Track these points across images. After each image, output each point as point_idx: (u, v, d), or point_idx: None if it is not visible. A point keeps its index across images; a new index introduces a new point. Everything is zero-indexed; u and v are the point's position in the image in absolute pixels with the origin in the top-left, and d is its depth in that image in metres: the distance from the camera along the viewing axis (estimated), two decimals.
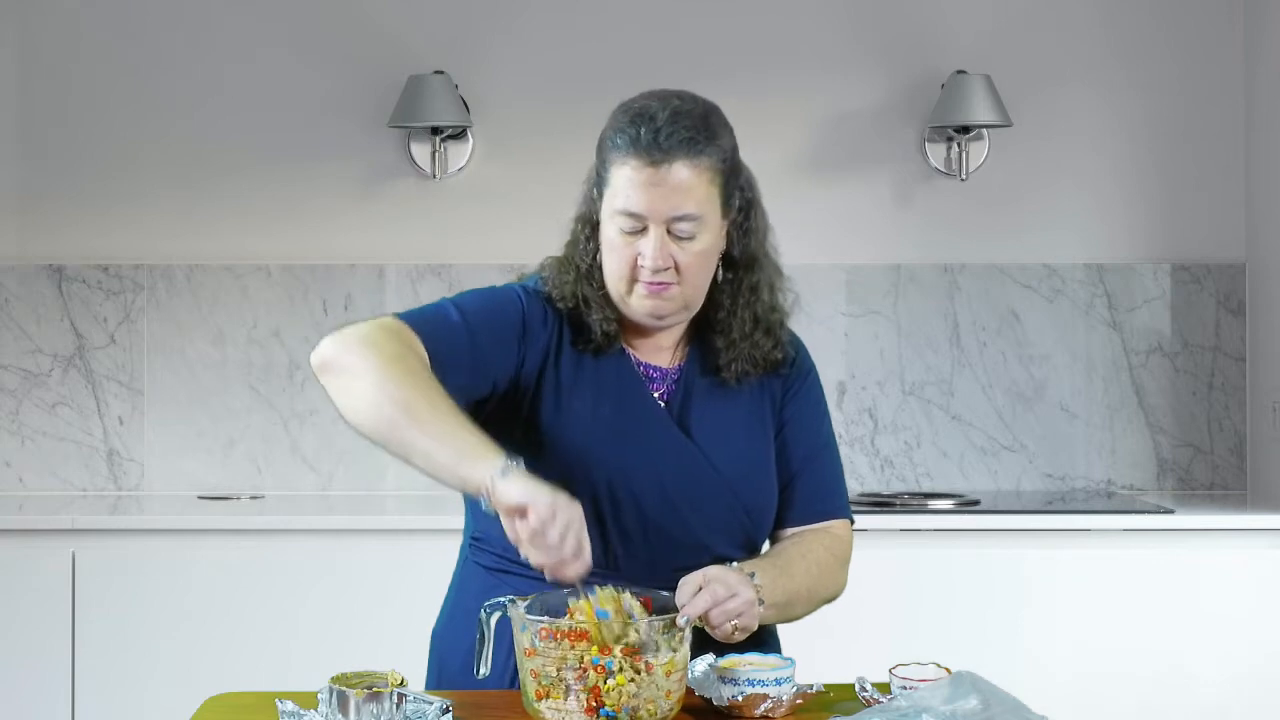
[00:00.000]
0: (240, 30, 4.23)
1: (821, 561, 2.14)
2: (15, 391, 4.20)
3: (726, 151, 2.05)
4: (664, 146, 1.99)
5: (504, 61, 4.24)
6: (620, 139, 2.02)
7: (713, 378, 2.14)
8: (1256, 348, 4.20)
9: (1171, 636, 3.66)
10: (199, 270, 4.21)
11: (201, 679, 3.24)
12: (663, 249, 2.01)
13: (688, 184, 2.00)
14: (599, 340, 2.09)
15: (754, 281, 2.13)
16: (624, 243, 2.03)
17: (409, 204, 4.24)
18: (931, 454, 4.24)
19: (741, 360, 2.13)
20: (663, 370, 2.14)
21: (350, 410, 1.95)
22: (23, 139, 4.23)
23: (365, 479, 4.18)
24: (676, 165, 2.00)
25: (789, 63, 4.25)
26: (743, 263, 2.13)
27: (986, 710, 1.76)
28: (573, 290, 2.10)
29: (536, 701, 1.84)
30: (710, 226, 2.04)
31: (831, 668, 2.24)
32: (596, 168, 2.09)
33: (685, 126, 2.01)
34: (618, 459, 2.06)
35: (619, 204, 2.02)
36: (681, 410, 2.12)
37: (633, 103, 2.07)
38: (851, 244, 4.23)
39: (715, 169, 2.03)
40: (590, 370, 2.09)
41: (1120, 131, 4.27)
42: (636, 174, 2.00)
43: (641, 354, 2.14)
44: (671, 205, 2.00)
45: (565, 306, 2.10)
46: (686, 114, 2.02)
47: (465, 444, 1.87)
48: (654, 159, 1.99)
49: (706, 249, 2.04)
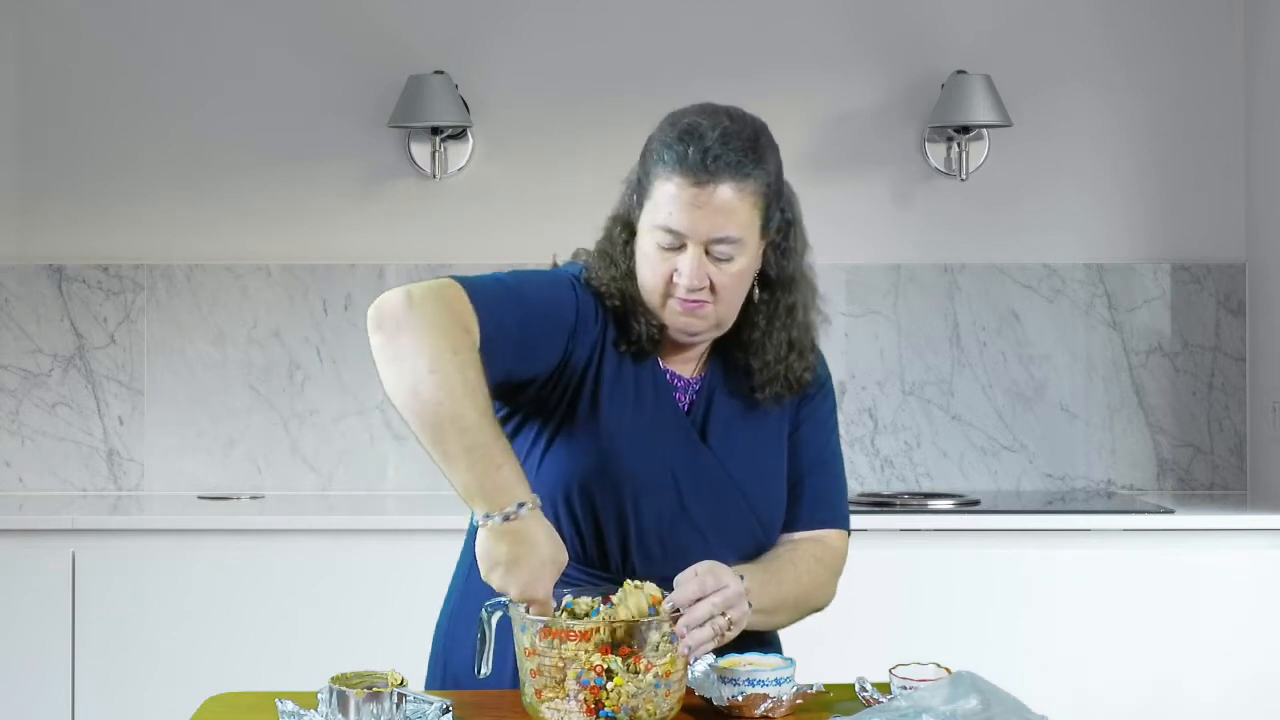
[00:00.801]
0: (240, 30, 4.23)
1: (812, 571, 2.14)
2: (15, 391, 4.20)
3: (772, 175, 2.03)
4: (711, 169, 1.97)
5: (504, 61, 4.24)
6: (668, 155, 2.00)
7: (735, 389, 2.14)
8: (1256, 348, 4.20)
9: (1171, 637, 3.66)
10: (199, 270, 4.21)
11: (201, 679, 3.25)
12: (700, 269, 1.99)
13: (730, 206, 1.98)
14: (642, 344, 2.07)
15: (791, 302, 2.12)
16: (660, 258, 2.02)
17: (409, 204, 4.24)
18: (931, 454, 4.24)
19: (776, 382, 2.12)
20: (686, 380, 2.14)
21: (390, 385, 1.92)
22: (23, 139, 4.23)
23: (365, 479, 4.18)
24: (722, 188, 1.98)
25: (789, 63, 4.25)
26: (780, 283, 2.11)
27: (986, 710, 1.76)
28: (619, 288, 2.08)
29: (536, 701, 1.84)
30: (748, 249, 2.02)
31: (831, 668, 2.24)
32: (639, 175, 2.07)
33: (734, 149, 1.98)
34: (643, 465, 2.06)
35: (660, 219, 2.00)
36: (703, 420, 2.12)
37: (682, 116, 2.04)
38: (851, 244, 4.23)
39: (759, 193, 2.01)
40: (629, 373, 2.09)
41: (1120, 131, 4.27)
42: (680, 192, 1.98)
43: (668, 362, 2.13)
44: (713, 226, 1.98)
45: (613, 304, 2.08)
46: (736, 135, 2.00)
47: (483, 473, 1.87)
48: (699, 180, 1.97)
49: (743, 270, 2.03)
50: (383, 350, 1.91)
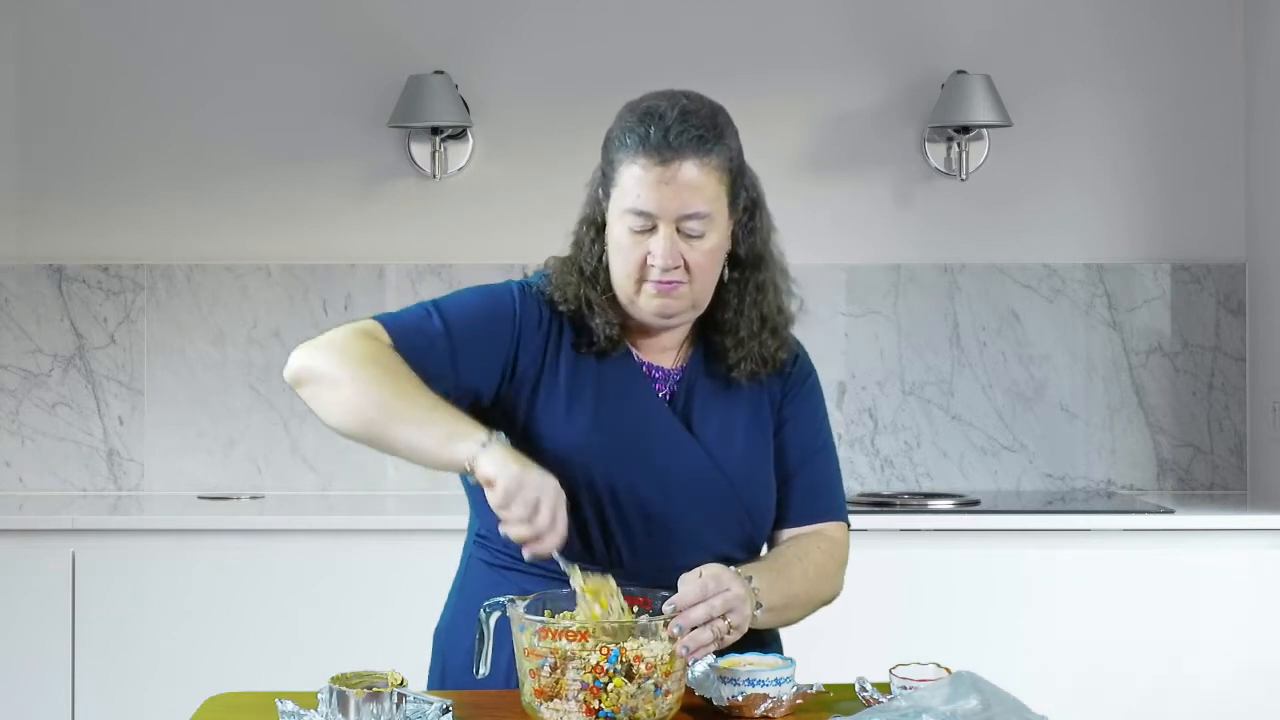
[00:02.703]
0: (240, 30, 4.24)
1: (819, 564, 2.14)
2: (15, 391, 4.20)
3: (734, 151, 2.06)
4: (674, 145, 2.00)
5: (504, 61, 4.24)
6: (629, 138, 2.03)
7: (716, 378, 2.15)
8: (1256, 348, 4.20)
9: (1171, 636, 3.66)
10: (199, 270, 4.21)
11: (201, 679, 3.25)
12: (673, 248, 2.01)
13: (697, 182, 2.01)
14: (602, 344, 2.09)
15: (760, 280, 2.14)
16: (633, 242, 2.03)
17: (409, 204, 4.24)
18: (931, 454, 4.24)
19: (751, 359, 2.13)
20: (666, 370, 2.15)
21: (331, 417, 1.99)
22: (23, 139, 4.23)
23: (365, 479, 4.18)
24: (686, 164, 2.00)
25: (789, 63, 4.25)
26: (749, 262, 2.13)
27: (986, 710, 1.76)
28: (575, 293, 2.10)
29: (535, 701, 1.84)
30: (718, 225, 2.04)
31: (831, 668, 2.24)
32: (603, 168, 2.09)
33: (694, 125, 2.01)
34: (622, 459, 2.06)
35: (628, 203, 2.02)
36: (685, 410, 2.13)
37: (640, 102, 2.08)
38: (851, 244, 4.23)
39: (723, 168, 2.04)
40: (592, 371, 2.10)
41: (1120, 131, 4.27)
42: (646, 173, 2.00)
43: (645, 354, 2.14)
44: (681, 203, 2.00)
45: (567, 309, 2.10)
46: (695, 113, 2.03)
47: (445, 427, 1.93)
48: (664, 157, 2.00)
49: (715, 248, 2.05)
50: (311, 394, 2.00)
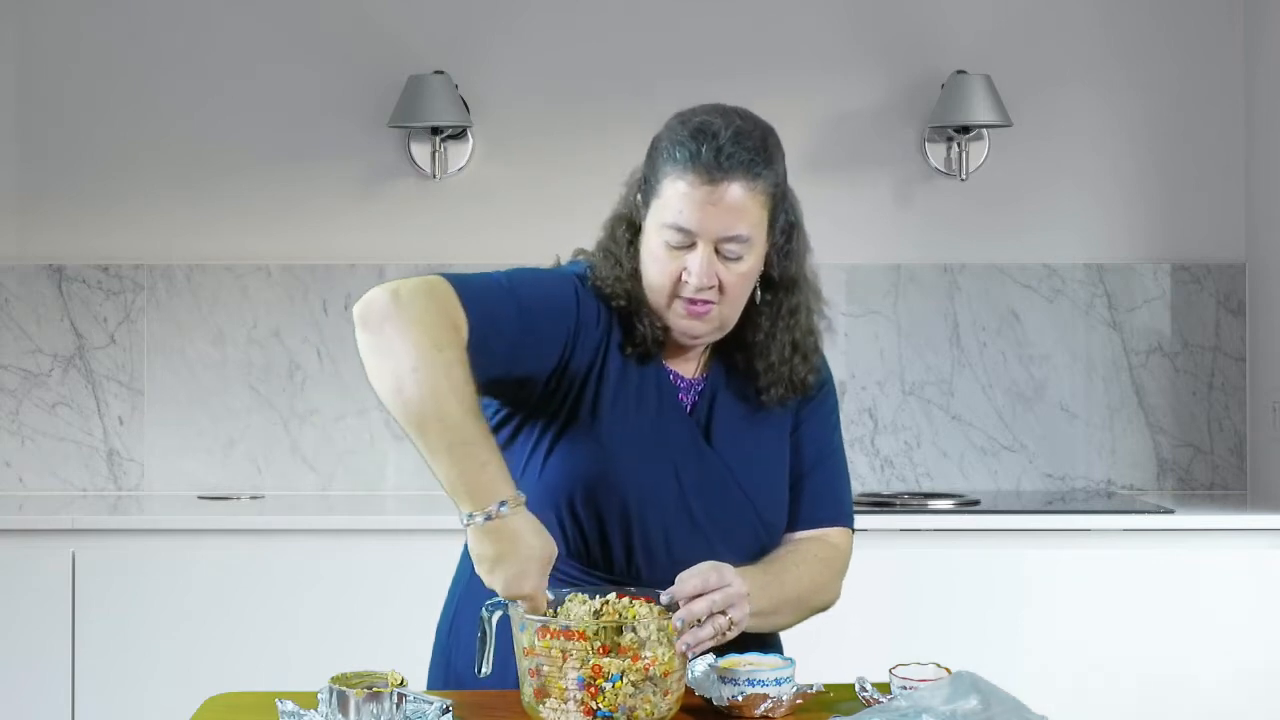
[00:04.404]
0: (240, 30, 4.23)
1: (814, 570, 2.13)
2: (15, 391, 4.20)
3: (780, 175, 2.05)
4: (724, 166, 1.98)
5: (504, 61, 4.24)
6: (679, 152, 2.00)
7: (736, 390, 2.13)
8: (1256, 348, 4.20)
9: (1171, 636, 3.66)
10: (199, 270, 4.21)
11: (201, 679, 3.25)
12: (709, 267, 1.99)
13: (741, 205, 1.99)
14: (648, 346, 2.07)
15: (794, 304, 2.12)
16: (669, 256, 2.01)
17: (409, 204, 4.24)
18: (931, 454, 4.24)
19: (781, 385, 2.12)
20: (687, 380, 2.14)
21: (376, 382, 1.91)
22: (23, 139, 4.23)
23: (365, 479, 4.18)
24: (734, 186, 1.98)
25: (789, 63, 4.25)
26: (783, 284, 2.11)
27: (986, 710, 1.76)
28: (625, 289, 2.07)
29: (535, 701, 1.84)
30: (756, 249, 2.03)
31: (831, 668, 2.24)
32: (645, 174, 2.06)
33: (746, 148, 1.99)
34: (649, 468, 2.05)
35: (669, 218, 2.00)
36: (706, 420, 2.12)
37: (692, 116, 2.04)
38: (851, 244, 4.23)
39: (768, 192, 2.02)
40: (634, 376, 2.08)
41: (1120, 131, 4.27)
42: (693, 190, 1.98)
43: (669, 361, 2.13)
44: (724, 225, 1.99)
45: (618, 305, 2.07)
46: (748, 135, 2.01)
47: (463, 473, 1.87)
48: (712, 177, 1.98)
49: (750, 270, 2.03)
50: (368, 346, 1.91)
